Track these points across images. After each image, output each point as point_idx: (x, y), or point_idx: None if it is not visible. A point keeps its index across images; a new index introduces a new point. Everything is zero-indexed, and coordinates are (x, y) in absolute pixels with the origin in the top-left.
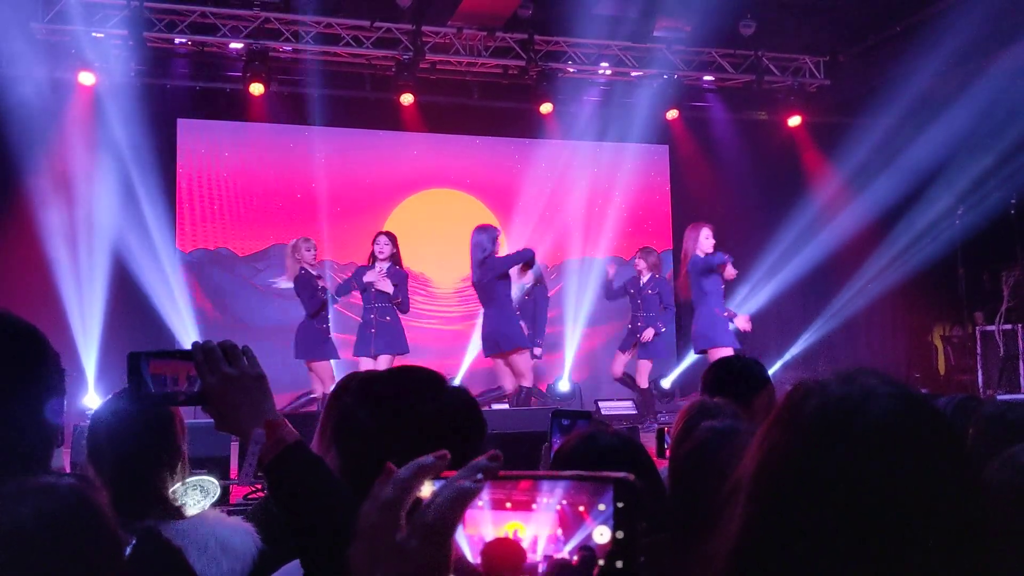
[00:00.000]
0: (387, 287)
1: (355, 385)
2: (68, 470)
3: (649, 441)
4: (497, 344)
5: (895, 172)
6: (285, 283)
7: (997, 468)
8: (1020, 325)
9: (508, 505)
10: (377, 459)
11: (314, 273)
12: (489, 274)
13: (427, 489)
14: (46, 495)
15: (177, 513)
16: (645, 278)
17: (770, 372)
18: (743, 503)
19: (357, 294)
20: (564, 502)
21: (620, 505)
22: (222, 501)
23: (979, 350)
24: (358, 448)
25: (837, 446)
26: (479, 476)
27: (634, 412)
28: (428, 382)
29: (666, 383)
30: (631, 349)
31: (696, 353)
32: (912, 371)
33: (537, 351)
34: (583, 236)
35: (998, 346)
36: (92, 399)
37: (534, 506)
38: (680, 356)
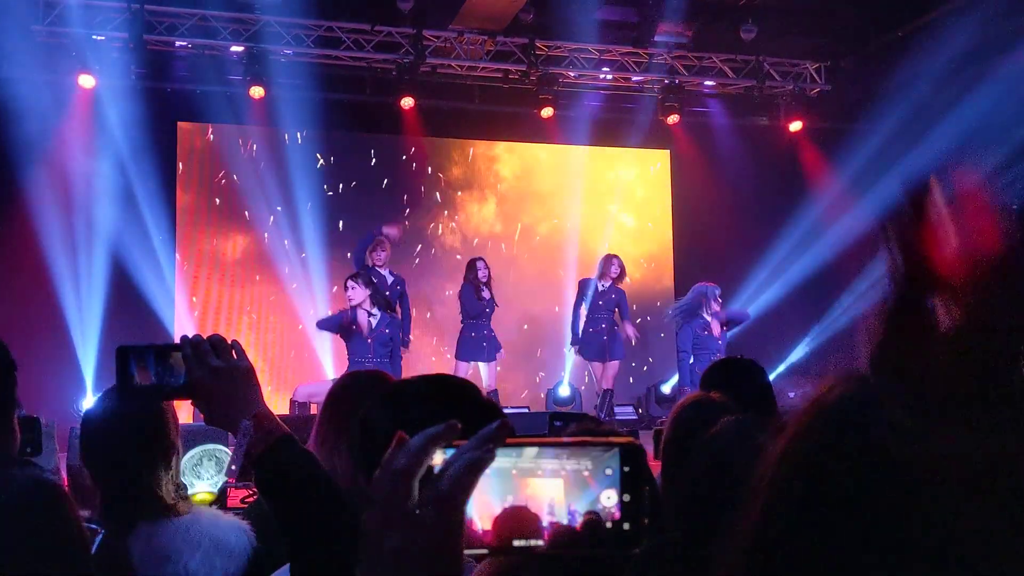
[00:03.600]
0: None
1: (384, 389)
2: (64, 473)
3: (647, 442)
4: None
5: (896, 177)
6: None
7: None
8: None
9: (514, 472)
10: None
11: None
12: None
13: (438, 458)
14: (7, 483)
15: (172, 511)
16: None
17: (770, 376)
18: (761, 498)
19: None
20: (569, 468)
21: (627, 469)
22: (219, 503)
23: None
24: (379, 452)
25: (853, 442)
26: (490, 445)
27: (634, 417)
28: (460, 391)
29: (666, 388)
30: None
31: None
32: None
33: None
34: (583, 241)
35: None
36: (91, 402)
37: (540, 473)
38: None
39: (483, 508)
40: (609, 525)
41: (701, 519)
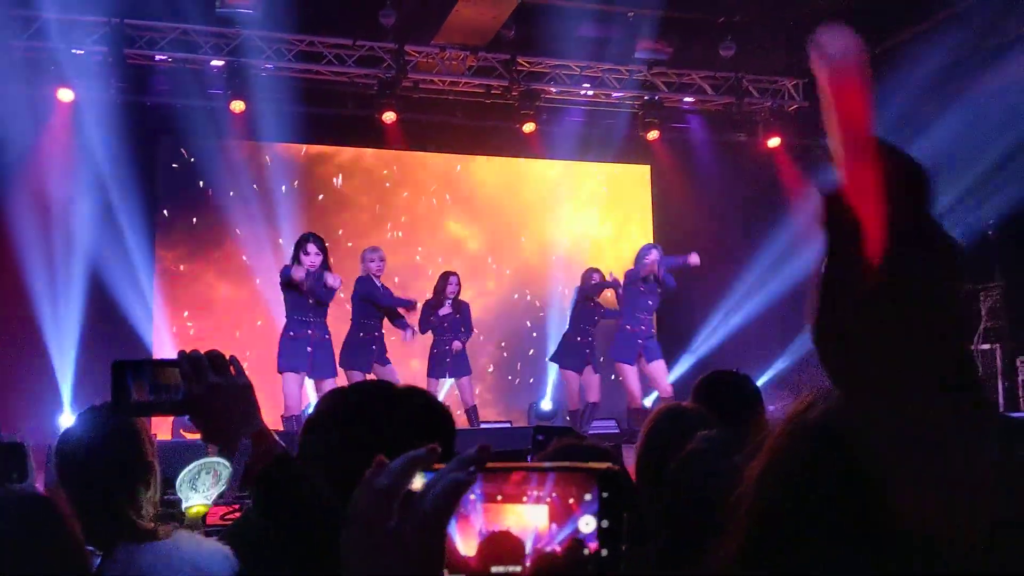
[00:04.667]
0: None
1: (324, 401)
2: (42, 490)
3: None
4: None
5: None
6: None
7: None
8: (999, 345)
9: (499, 498)
10: (345, 474)
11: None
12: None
13: (418, 481)
14: (7, 500)
15: (151, 535)
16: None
17: None
18: (743, 515)
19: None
20: (554, 495)
21: (605, 495)
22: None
23: None
24: (329, 463)
25: (835, 457)
26: (471, 468)
27: (616, 431)
28: (381, 392)
29: (647, 402)
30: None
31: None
32: None
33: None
34: (564, 256)
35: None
36: (68, 419)
37: (525, 499)
38: (669, 368)
39: (466, 532)
40: (588, 551)
41: (679, 534)
